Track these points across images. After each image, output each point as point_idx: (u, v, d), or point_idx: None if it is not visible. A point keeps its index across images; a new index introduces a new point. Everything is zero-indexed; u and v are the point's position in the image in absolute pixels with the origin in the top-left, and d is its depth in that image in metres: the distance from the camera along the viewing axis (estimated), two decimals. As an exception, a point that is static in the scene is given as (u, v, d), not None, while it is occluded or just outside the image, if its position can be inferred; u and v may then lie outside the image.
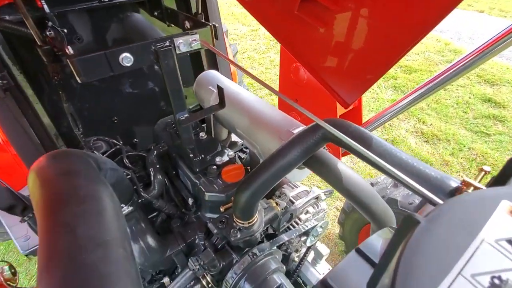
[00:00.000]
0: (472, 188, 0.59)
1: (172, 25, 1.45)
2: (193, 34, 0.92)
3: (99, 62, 0.79)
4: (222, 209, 1.04)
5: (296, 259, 1.49)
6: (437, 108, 4.93)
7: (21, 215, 1.26)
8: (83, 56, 0.77)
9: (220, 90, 1.05)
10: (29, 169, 0.72)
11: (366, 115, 4.76)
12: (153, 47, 0.86)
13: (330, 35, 1.04)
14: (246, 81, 5.63)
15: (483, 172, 0.60)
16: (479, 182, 0.60)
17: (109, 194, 0.61)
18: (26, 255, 2.03)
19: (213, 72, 1.47)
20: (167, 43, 0.88)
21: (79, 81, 0.80)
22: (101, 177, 0.68)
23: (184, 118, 1.03)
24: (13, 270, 1.06)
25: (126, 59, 0.82)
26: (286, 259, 1.46)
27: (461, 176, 3.84)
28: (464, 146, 4.17)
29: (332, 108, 1.51)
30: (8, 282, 1.02)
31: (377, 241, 0.71)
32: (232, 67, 2.14)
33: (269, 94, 5.32)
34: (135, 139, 1.72)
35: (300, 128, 1.05)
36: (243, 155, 1.75)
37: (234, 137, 1.70)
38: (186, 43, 0.91)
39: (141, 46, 0.84)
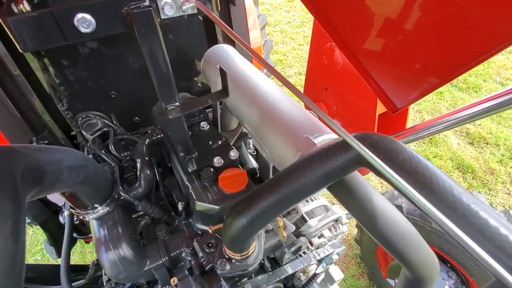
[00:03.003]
0: None
1: None
2: (186, -8, 0.65)
3: (44, 25, 0.56)
4: (210, 231, 0.82)
5: (303, 278, 1.27)
6: (490, 106, 4.25)
7: None
8: (20, 16, 0.53)
9: (223, 74, 0.78)
10: None
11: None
12: (124, 8, 0.60)
13: (388, 13, 0.71)
14: (274, 57, 5.23)
15: None
16: None
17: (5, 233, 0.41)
18: (28, 224, 2.01)
19: (225, 47, 1.19)
20: (147, 3, 0.62)
21: (19, 49, 0.57)
22: (10, 202, 0.47)
23: (173, 107, 0.78)
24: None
25: (84, 22, 0.57)
26: (291, 275, 1.25)
27: (507, 189, 3.35)
28: (517, 154, 3.61)
29: (371, 105, 1.19)
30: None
31: None
32: (256, 41, 1.83)
33: (297, 73, 4.90)
34: (136, 118, 1.53)
35: (326, 136, 0.77)
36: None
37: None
38: (174, 5, 0.64)
39: (108, 4, 0.59)
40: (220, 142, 1.01)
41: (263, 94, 0.93)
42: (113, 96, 1.37)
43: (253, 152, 1.68)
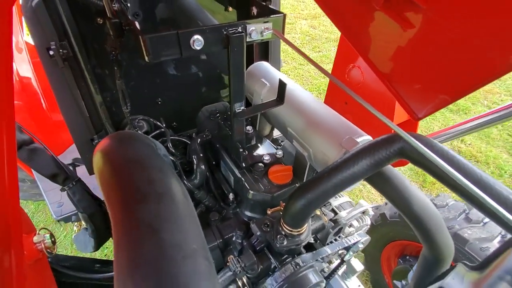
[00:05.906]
0: None
1: (229, 10, 1.38)
2: (266, 22, 0.85)
3: (170, 43, 0.74)
4: (269, 212, 0.98)
5: (326, 269, 1.42)
6: (479, 127, 4.59)
7: (62, 184, 1.27)
8: (156, 34, 0.72)
9: (283, 85, 0.98)
10: (95, 150, 0.69)
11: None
12: (224, 32, 0.80)
13: (414, 38, 0.93)
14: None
15: None
16: None
17: (182, 190, 0.57)
18: (58, 221, 2.10)
19: (266, 64, 1.40)
20: (239, 29, 0.81)
21: (146, 60, 0.75)
22: (170, 167, 0.65)
23: (241, 110, 0.97)
24: (53, 239, 1.07)
25: (198, 41, 0.76)
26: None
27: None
28: (505, 171, 3.88)
29: (388, 116, 1.40)
30: (48, 250, 1.03)
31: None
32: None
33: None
34: (174, 123, 1.70)
35: (364, 137, 0.96)
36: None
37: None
38: (258, 31, 0.84)
39: (214, 29, 0.78)
40: (264, 143, 1.19)
41: (306, 103, 1.12)
42: (159, 102, 1.55)
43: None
